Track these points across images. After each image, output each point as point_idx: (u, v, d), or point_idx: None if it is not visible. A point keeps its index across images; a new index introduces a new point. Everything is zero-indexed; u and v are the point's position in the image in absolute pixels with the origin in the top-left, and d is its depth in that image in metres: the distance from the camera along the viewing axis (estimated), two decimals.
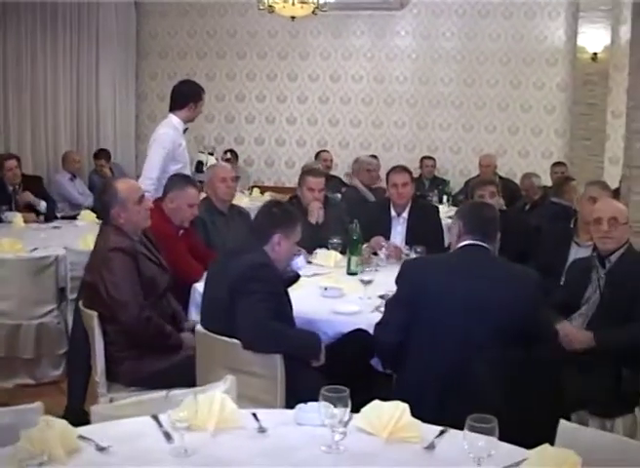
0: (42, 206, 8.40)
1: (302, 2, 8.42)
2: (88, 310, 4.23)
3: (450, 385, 3.47)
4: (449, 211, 8.67)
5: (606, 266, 4.38)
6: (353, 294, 4.72)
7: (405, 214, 6.27)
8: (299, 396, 3.04)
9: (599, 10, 11.15)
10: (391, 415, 2.68)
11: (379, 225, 6.14)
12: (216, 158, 10.07)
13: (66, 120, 11.25)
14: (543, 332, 3.85)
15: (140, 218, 4.41)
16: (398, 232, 6.24)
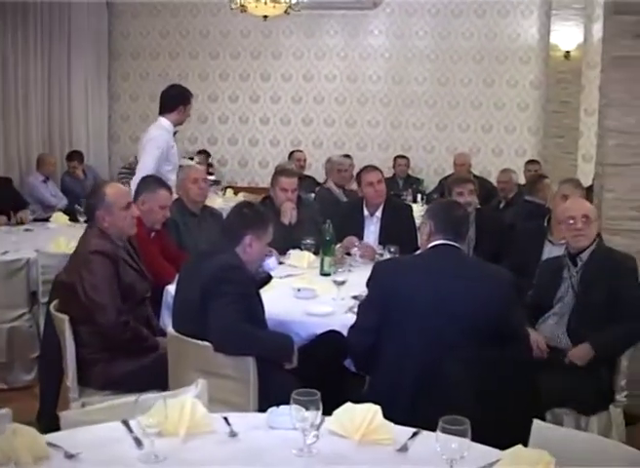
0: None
1: (275, 1, 8.39)
2: (59, 314, 4.18)
3: (422, 386, 3.45)
4: (423, 210, 8.64)
5: (577, 264, 4.38)
6: (326, 295, 4.70)
7: (378, 214, 6.25)
8: (272, 398, 3.02)
9: (571, 8, 11.20)
10: (363, 418, 2.66)
11: (351, 225, 6.12)
12: (197, 162, 10.08)
13: (38, 121, 11.13)
14: (517, 332, 3.85)
15: (126, 225, 4.38)
16: (371, 232, 6.22)
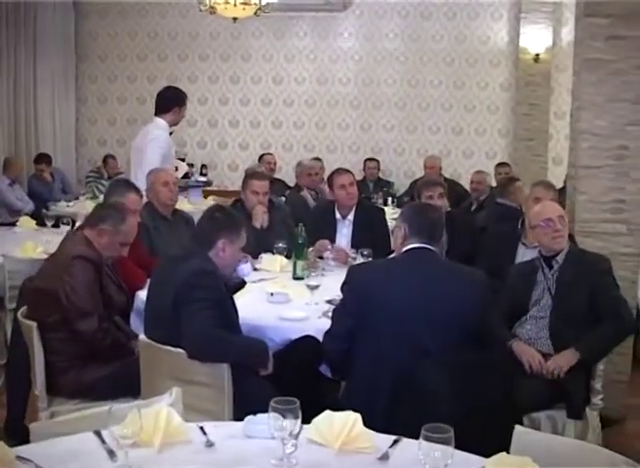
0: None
1: (245, 3, 8.32)
2: (27, 320, 4.08)
3: (399, 392, 3.41)
4: (394, 212, 8.63)
5: (553, 267, 4.36)
6: (300, 300, 4.65)
7: (350, 217, 6.21)
8: (247, 405, 2.98)
9: (541, 11, 11.29)
10: (343, 426, 2.61)
11: (324, 229, 6.08)
12: (188, 164, 10.06)
13: (4, 124, 11.03)
14: (493, 334, 3.83)
15: (110, 249, 4.37)
16: (344, 235, 6.18)
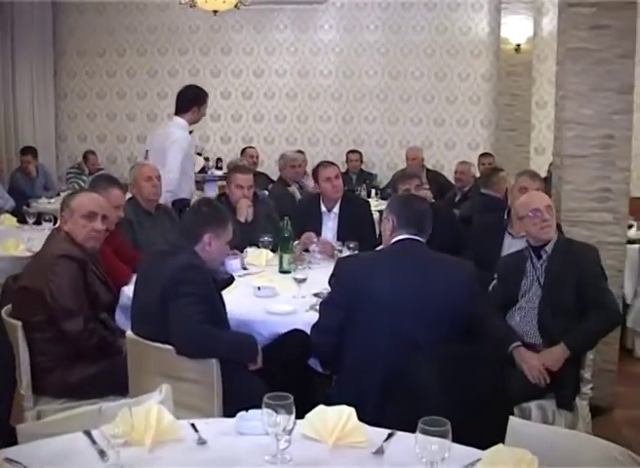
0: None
1: None
2: (12, 319, 4.03)
3: (390, 386, 3.40)
4: (378, 204, 8.64)
5: (542, 257, 4.35)
6: (287, 294, 4.62)
7: (336, 210, 6.18)
8: (237, 401, 2.96)
9: (521, 2, 11.33)
10: (337, 421, 2.58)
11: (309, 222, 6.05)
12: (204, 158, 10.02)
13: None
14: (483, 326, 3.81)
15: (83, 234, 4.24)
16: (329, 228, 6.16)
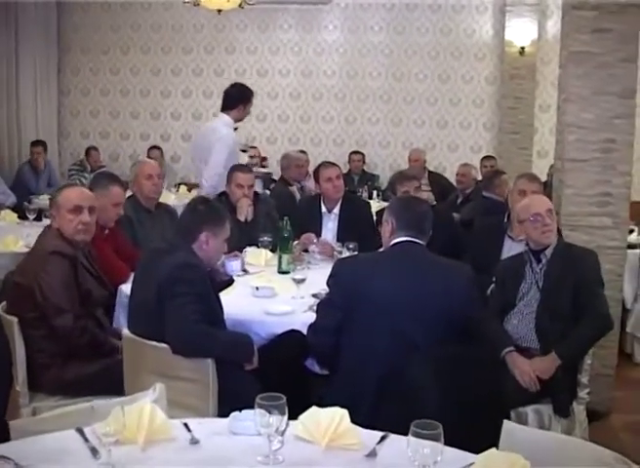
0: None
1: None
2: (8, 316, 4.03)
3: (386, 387, 3.40)
4: (379, 206, 8.61)
5: (542, 261, 4.33)
6: (286, 294, 4.62)
7: (336, 210, 6.18)
8: (232, 401, 2.95)
9: (526, 4, 11.29)
10: (330, 422, 2.57)
11: (309, 222, 6.05)
12: (249, 156, 10.04)
13: None
14: (480, 330, 3.81)
15: (71, 228, 4.21)
16: (329, 229, 6.16)
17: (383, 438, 2.62)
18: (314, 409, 2.65)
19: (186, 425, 2.68)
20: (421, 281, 3.55)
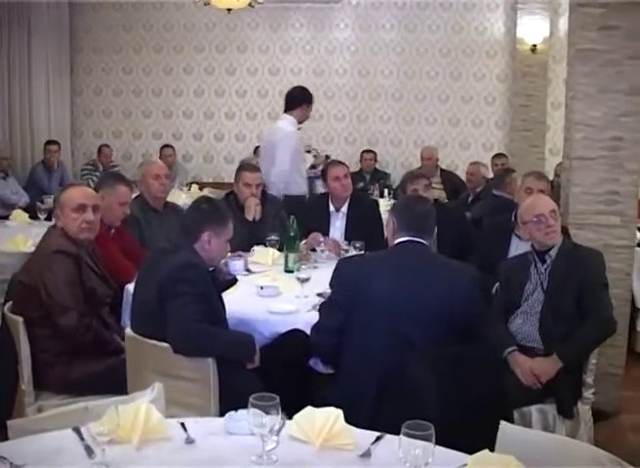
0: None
1: None
2: (13, 315, 4.05)
3: (387, 388, 3.39)
4: (389, 204, 8.60)
5: (547, 261, 4.31)
6: (290, 293, 4.62)
7: (344, 209, 6.18)
8: (234, 400, 2.92)
9: (537, 2, 11.26)
10: (324, 422, 2.57)
11: (317, 221, 6.04)
12: (314, 155, 10.10)
13: None
14: (482, 332, 3.80)
15: (75, 226, 4.24)
16: (337, 228, 6.15)
17: (379, 438, 2.62)
18: (309, 409, 2.65)
19: (183, 425, 2.68)
20: (421, 280, 3.54)
